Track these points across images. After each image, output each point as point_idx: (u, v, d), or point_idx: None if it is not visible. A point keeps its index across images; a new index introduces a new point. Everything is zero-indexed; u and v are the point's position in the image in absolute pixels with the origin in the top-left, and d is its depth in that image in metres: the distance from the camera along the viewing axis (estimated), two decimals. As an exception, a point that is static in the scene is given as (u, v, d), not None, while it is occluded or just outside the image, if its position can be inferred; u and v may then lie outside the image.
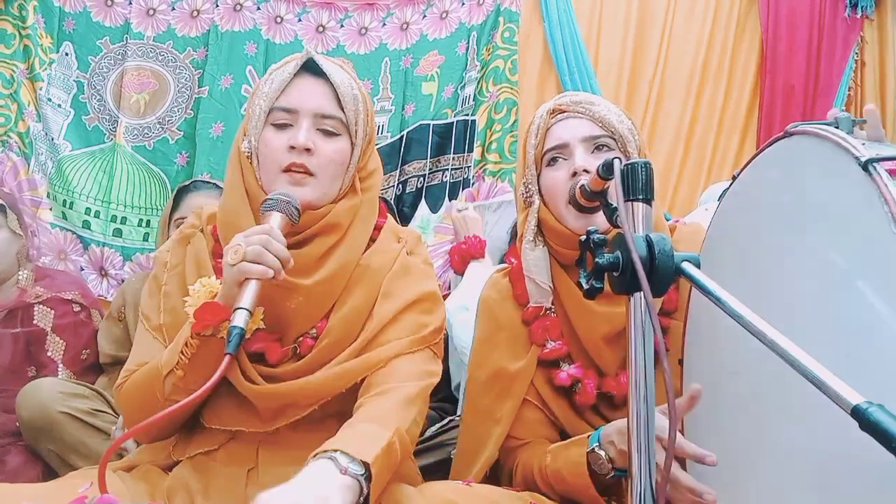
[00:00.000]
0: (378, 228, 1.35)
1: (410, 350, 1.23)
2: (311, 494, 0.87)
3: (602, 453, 1.12)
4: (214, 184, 2.32)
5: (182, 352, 1.14)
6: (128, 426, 1.29)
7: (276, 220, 1.14)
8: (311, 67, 1.26)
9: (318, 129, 1.23)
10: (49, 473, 1.87)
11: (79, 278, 2.66)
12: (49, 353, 2.13)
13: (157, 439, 1.27)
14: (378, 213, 1.36)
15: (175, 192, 2.35)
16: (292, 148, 1.20)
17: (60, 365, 2.15)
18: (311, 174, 1.21)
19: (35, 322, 2.14)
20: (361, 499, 0.94)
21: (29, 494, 1.06)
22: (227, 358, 1.02)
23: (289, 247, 1.18)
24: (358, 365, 1.20)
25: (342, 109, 1.25)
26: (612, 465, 1.11)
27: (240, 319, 1.05)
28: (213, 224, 1.32)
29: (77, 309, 2.22)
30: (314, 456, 0.97)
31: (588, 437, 1.17)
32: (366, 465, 0.95)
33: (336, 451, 0.96)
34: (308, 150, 1.21)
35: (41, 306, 2.15)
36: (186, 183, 2.41)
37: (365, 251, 1.30)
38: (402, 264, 1.30)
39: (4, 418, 1.98)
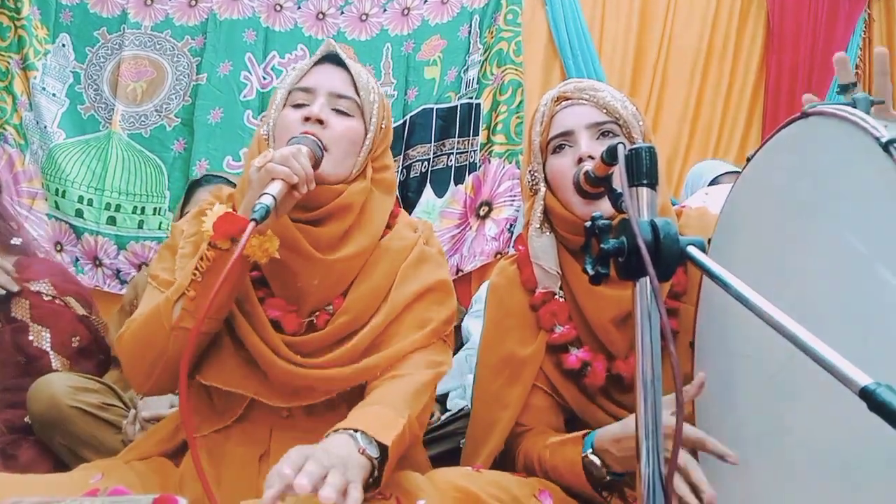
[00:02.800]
0: (394, 216, 1.39)
1: (425, 344, 1.28)
2: (336, 458, 0.92)
3: (596, 459, 1.14)
4: (225, 178, 2.32)
5: (197, 267, 1.13)
6: (128, 376, 1.29)
7: (303, 149, 1.17)
8: (331, 59, 1.32)
9: (332, 109, 1.27)
10: (60, 467, 1.88)
11: (55, 265, 2.54)
12: (35, 344, 2.10)
13: (162, 384, 1.22)
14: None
15: (187, 186, 2.35)
16: (306, 119, 1.24)
17: (51, 353, 2.12)
18: (325, 149, 1.23)
19: (13, 315, 2.10)
20: (371, 479, 0.99)
21: (41, 486, 1.07)
22: (251, 224, 1.01)
23: (304, 222, 1.24)
24: (379, 361, 1.24)
25: (357, 94, 1.30)
26: (608, 471, 1.13)
27: (266, 199, 1.06)
28: (233, 203, 1.32)
29: (48, 299, 2.18)
30: (334, 430, 1.02)
31: (583, 435, 1.19)
32: (382, 448, 1.00)
33: (357, 430, 1.01)
34: (321, 121, 1.24)
35: (17, 298, 2.11)
36: (198, 177, 2.41)
37: (383, 236, 1.34)
38: (419, 253, 1.35)
39: (11, 414, 1.97)
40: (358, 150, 1.29)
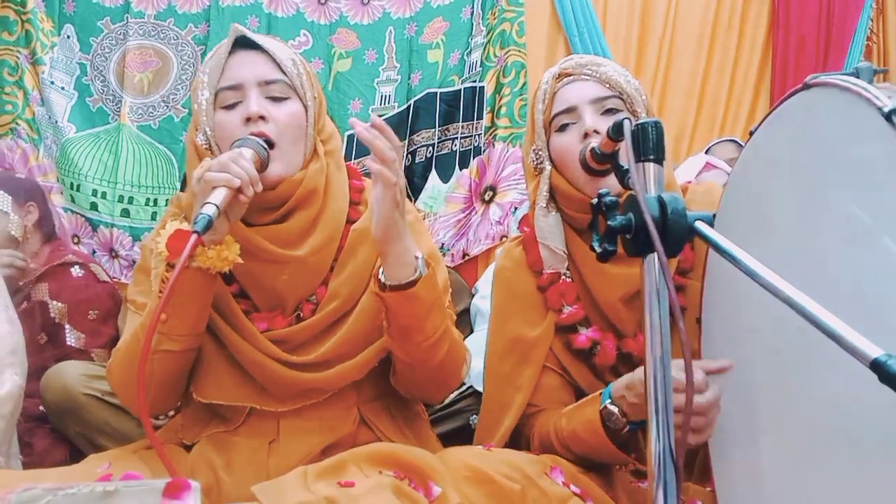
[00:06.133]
0: (360, 191, 1.35)
1: None
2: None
3: (614, 409, 1.14)
4: None
5: (161, 290, 1.12)
6: (126, 404, 1.30)
7: (245, 152, 1.13)
8: (243, 43, 1.25)
9: (266, 98, 1.22)
10: (76, 455, 1.90)
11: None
12: (57, 321, 2.13)
13: (159, 405, 1.26)
14: (352, 176, 1.36)
15: (182, 177, 2.36)
16: (248, 120, 1.19)
17: (68, 326, 2.15)
18: (272, 145, 1.19)
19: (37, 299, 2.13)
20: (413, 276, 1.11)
21: (49, 479, 1.07)
22: (193, 237, 0.99)
23: (272, 222, 1.21)
24: (377, 348, 1.24)
25: (284, 73, 1.24)
26: (626, 419, 1.13)
27: (208, 209, 1.03)
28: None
29: (78, 273, 2.21)
30: None
31: (599, 394, 1.19)
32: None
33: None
34: (262, 117, 1.19)
35: (39, 284, 2.14)
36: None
37: (356, 216, 1.31)
38: None
39: (26, 403, 1.99)
40: (304, 131, 1.25)
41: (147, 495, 0.68)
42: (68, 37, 3.20)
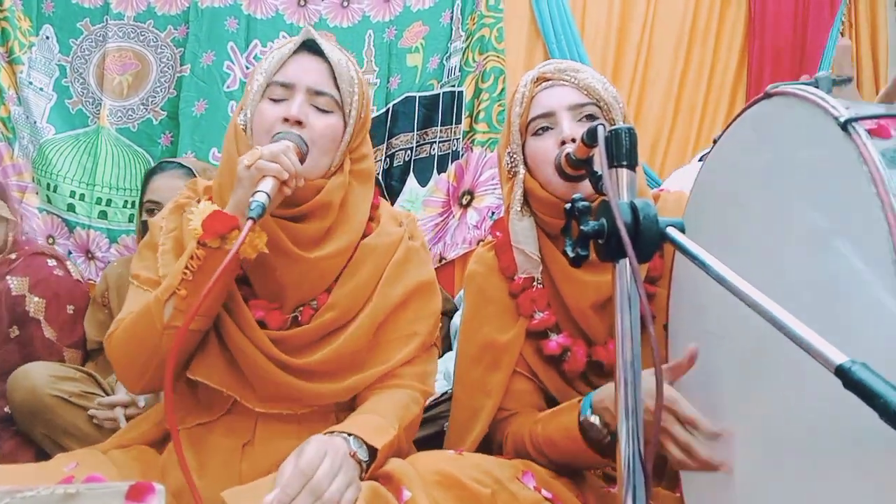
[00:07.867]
0: (375, 208, 1.38)
1: (411, 359, 1.30)
2: (336, 454, 1.02)
3: (595, 420, 1.13)
4: (179, 163, 2.29)
5: (187, 266, 1.13)
6: (120, 377, 1.29)
7: (290, 145, 1.16)
8: (310, 47, 1.28)
9: (311, 105, 1.25)
10: (42, 457, 1.87)
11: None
12: (31, 314, 2.11)
13: (157, 382, 1.22)
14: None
15: (144, 176, 2.33)
16: (285, 120, 1.22)
17: (44, 321, 2.12)
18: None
19: (13, 293, 2.10)
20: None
21: (15, 476, 1.06)
22: (248, 222, 1.02)
23: (285, 219, 1.23)
24: (366, 378, 1.26)
25: (337, 88, 1.27)
26: (608, 430, 1.12)
27: (261, 196, 1.06)
28: (210, 196, 1.32)
29: (52, 264, 2.19)
30: (329, 433, 1.08)
31: (578, 402, 1.18)
32: (371, 452, 1.07)
33: (350, 434, 1.07)
34: (300, 122, 1.22)
35: (13, 278, 2.12)
36: (153, 166, 2.39)
37: (368, 231, 1.33)
38: (405, 251, 1.35)
39: (-7, 403, 1.98)
40: (336, 146, 1.27)
41: (110, 498, 0.67)
42: (47, 37, 3.16)
